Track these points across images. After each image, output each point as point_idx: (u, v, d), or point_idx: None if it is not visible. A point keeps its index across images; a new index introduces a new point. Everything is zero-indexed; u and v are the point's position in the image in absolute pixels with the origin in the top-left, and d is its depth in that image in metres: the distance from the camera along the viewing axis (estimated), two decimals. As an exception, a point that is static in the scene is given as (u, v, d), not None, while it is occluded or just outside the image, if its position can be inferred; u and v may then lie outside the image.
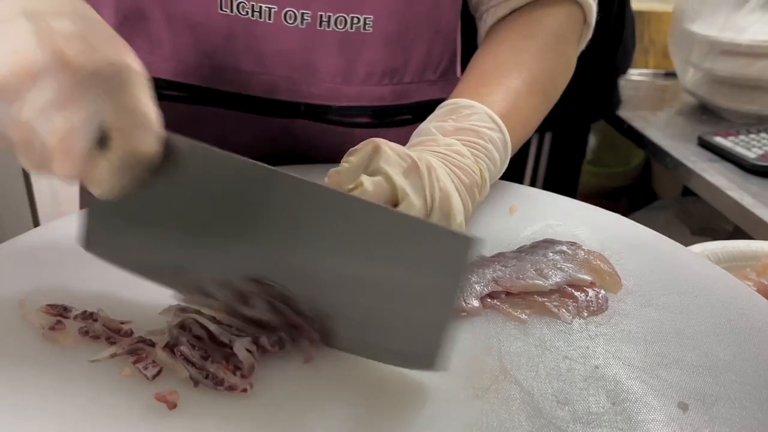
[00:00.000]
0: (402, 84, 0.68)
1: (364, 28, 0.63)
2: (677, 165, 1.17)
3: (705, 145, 1.19)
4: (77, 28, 0.38)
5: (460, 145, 0.53)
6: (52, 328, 0.43)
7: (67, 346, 0.42)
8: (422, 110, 0.71)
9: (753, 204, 1.00)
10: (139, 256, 0.45)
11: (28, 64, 0.36)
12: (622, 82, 1.49)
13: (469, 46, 0.75)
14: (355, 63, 0.65)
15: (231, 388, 0.39)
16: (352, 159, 0.50)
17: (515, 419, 0.38)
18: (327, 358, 0.42)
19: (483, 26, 0.69)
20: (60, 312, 0.44)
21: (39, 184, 1.59)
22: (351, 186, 0.48)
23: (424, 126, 0.57)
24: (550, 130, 1.49)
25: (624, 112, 1.41)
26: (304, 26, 0.62)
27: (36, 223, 1.59)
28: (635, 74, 1.60)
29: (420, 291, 0.39)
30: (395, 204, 0.48)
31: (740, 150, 1.12)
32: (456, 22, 0.71)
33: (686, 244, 0.61)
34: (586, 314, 0.47)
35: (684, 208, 1.50)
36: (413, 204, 0.47)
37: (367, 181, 0.48)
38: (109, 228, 0.45)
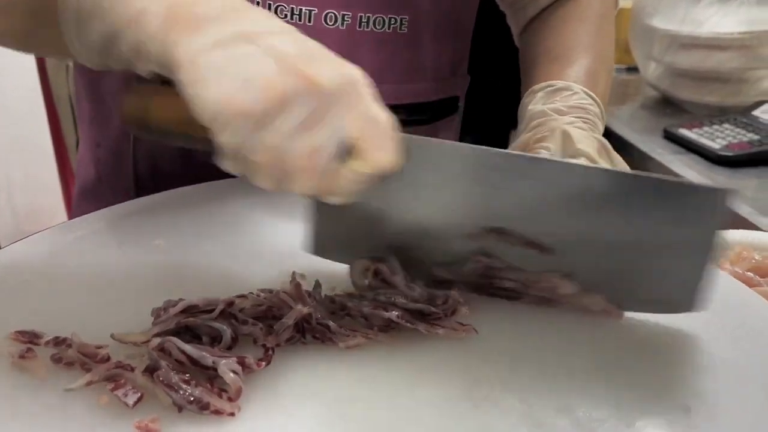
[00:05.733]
0: (427, 81, 0.70)
1: (400, 29, 0.65)
2: (644, 158, 1.18)
3: (670, 137, 1.20)
4: (298, 46, 0.38)
5: (581, 122, 0.55)
6: (22, 357, 0.40)
7: (39, 375, 0.40)
8: (441, 108, 0.74)
9: (721, 195, 1.01)
10: (373, 250, 0.47)
11: (279, 92, 0.36)
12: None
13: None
14: (391, 62, 0.67)
15: (217, 412, 0.37)
16: (550, 145, 0.51)
17: (516, 430, 0.36)
18: (318, 376, 0.40)
19: (522, 17, 0.71)
20: (30, 338, 0.41)
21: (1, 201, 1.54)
22: None
23: (534, 109, 0.58)
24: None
25: (589, 107, 1.41)
26: (344, 27, 0.63)
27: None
28: (598, 69, 1.61)
29: (679, 245, 0.43)
30: None
31: (705, 141, 1.14)
32: (473, 20, 0.74)
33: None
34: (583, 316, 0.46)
35: (651, 201, 1.51)
36: None
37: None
38: (335, 229, 0.47)
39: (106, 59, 0.42)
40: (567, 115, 0.57)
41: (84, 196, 0.78)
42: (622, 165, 0.54)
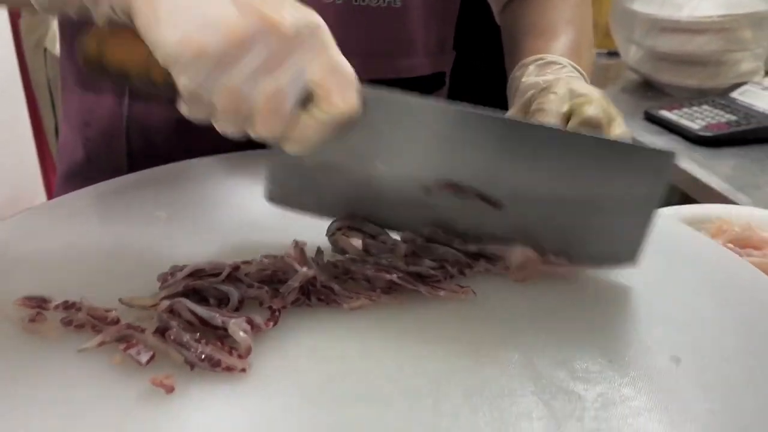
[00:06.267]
0: (417, 57, 0.72)
1: (395, 3, 0.66)
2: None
3: (651, 118, 1.23)
4: None
5: (570, 79, 0.57)
6: (32, 320, 0.41)
7: (50, 337, 0.40)
8: (430, 83, 0.75)
9: (700, 172, 1.04)
10: (328, 200, 0.49)
11: (239, 32, 0.36)
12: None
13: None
14: (385, 37, 0.68)
15: (229, 369, 0.38)
16: (557, 90, 0.54)
17: (517, 381, 0.38)
18: (324, 335, 0.42)
19: None
20: (38, 303, 0.42)
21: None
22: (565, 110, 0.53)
23: (528, 81, 0.60)
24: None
25: (571, 91, 1.43)
26: (341, 2, 0.64)
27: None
28: (579, 54, 1.63)
29: (624, 203, 0.45)
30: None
31: (685, 122, 1.16)
32: None
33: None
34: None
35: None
36: (622, 124, 0.52)
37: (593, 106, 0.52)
38: (291, 178, 0.48)
39: (63, 5, 0.42)
40: None
41: (70, 178, 0.78)
42: (617, 115, 0.55)
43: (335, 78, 0.40)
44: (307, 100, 0.40)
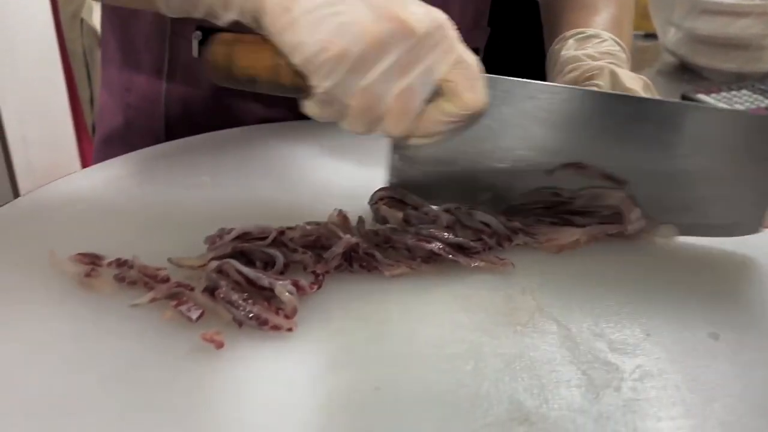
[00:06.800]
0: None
1: None
2: (662, 122, 1.19)
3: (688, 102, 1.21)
4: None
5: (614, 67, 0.57)
6: (87, 275, 0.42)
7: (104, 291, 0.42)
8: None
9: (738, 158, 1.03)
10: (451, 188, 0.50)
11: (376, 36, 0.38)
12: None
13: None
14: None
15: (276, 328, 0.39)
16: (600, 83, 0.55)
17: (556, 351, 0.39)
18: (366, 300, 0.43)
19: None
20: (92, 260, 0.44)
21: (17, 157, 1.56)
22: None
23: (568, 54, 0.60)
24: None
25: (606, 72, 1.42)
26: None
27: (16, 195, 1.56)
28: (615, 35, 1.62)
29: (745, 172, 0.46)
30: None
31: (723, 106, 1.14)
32: None
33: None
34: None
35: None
36: None
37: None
38: (416, 166, 0.50)
39: (187, 6, 0.42)
40: (600, 61, 0.58)
41: (108, 144, 0.79)
42: None
43: (463, 72, 0.41)
44: (436, 94, 0.41)
